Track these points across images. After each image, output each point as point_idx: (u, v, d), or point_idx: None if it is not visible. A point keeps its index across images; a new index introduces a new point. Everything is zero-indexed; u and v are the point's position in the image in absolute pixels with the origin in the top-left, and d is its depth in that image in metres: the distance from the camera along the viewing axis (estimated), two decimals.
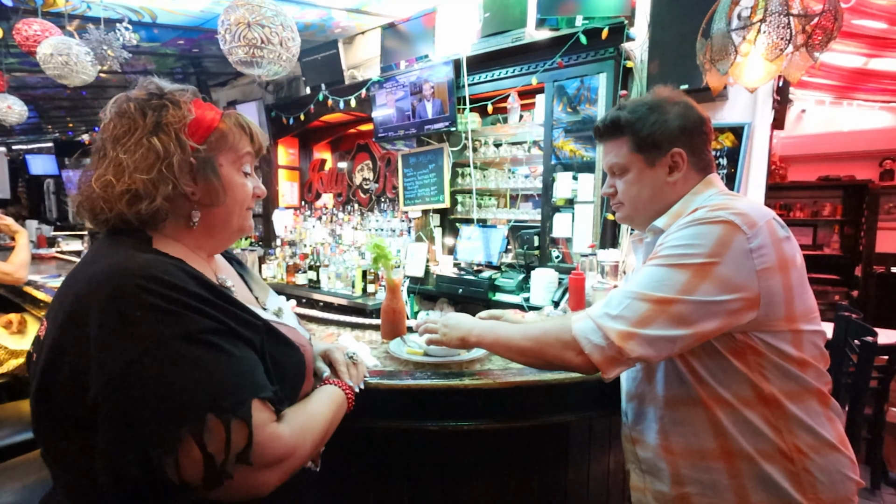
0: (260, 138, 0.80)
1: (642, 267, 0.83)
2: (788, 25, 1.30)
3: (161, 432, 0.55)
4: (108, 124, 0.70)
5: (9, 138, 7.73)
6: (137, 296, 0.58)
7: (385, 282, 1.38)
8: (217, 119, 0.73)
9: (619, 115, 0.93)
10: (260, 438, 0.59)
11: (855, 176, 4.91)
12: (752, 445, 0.79)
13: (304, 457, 0.67)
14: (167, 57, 4.10)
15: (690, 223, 0.80)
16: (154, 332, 0.57)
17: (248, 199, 0.78)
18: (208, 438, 0.56)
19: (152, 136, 0.67)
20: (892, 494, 2.27)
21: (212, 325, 0.61)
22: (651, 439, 0.90)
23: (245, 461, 0.58)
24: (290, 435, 0.64)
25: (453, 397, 1.03)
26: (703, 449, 0.83)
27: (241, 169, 0.77)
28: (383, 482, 1.17)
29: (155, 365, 0.56)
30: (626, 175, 0.94)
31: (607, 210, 2.27)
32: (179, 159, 0.68)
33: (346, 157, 4.20)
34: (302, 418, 0.69)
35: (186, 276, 0.63)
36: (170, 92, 0.72)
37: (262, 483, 0.61)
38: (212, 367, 0.59)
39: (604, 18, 2.21)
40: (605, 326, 0.78)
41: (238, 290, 0.80)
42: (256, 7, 1.80)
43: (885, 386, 2.28)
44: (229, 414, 0.57)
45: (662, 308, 0.76)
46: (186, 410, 0.56)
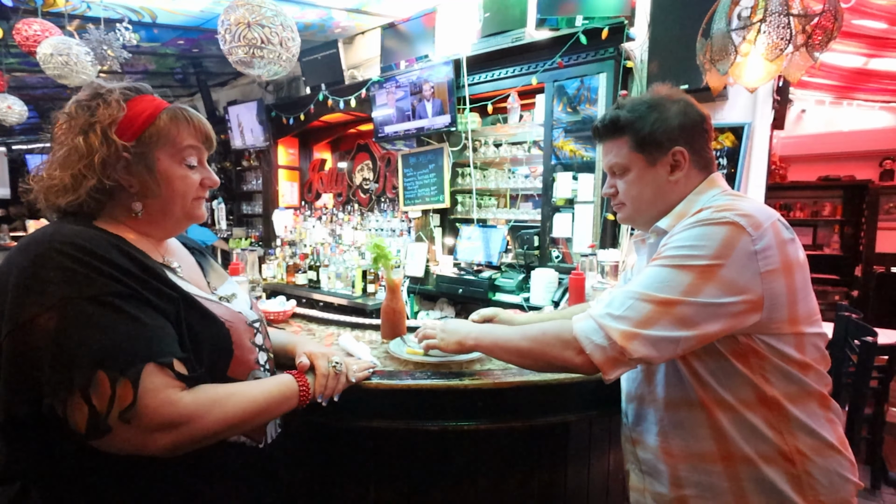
0: (205, 129, 0.82)
1: (645, 267, 0.82)
2: (788, 25, 1.30)
3: (53, 382, 0.60)
4: (56, 124, 0.76)
5: (9, 138, 7.73)
6: (52, 258, 0.63)
7: (385, 282, 1.38)
8: (151, 117, 0.76)
9: (618, 114, 0.92)
10: (150, 401, 0.62)
11: (855, 176, 4.92)
12: (753, 448, 0.79)
13: (208, 427, 0.67)
14: (167, 57, 4.10)
15: (695, 224, 0.79)
16: (61, 291, 0.61)
17: (193, 190, 0.81)
18: (94, 394, 0.60)
19: (79, 135, 0.72)
20: (892, 494, 2.27)
21: (120, 290, 0.65)
22: (651, 441, 0.90)
23: (125, 420, 0.61)
24: (190, 403, 0.66)
25: (453, 397, 1.03)
26: (702, 451, 0.82)
27: (182, 162, 0.79)
28: (383, 482, 1.17)
29: (57, 320, 0.61)
30: (627, 175, 0.93)
31: (607, 210, 2.26)
32: (104, 156, 0.72)
33: (346, 157, 4.20)
34: (217, 392, 0.70)
35: (110, 247, 0.68)
36: (107, 91, 0.75)
37: (151, 443, 0.63)
38: (110, 328, 0.62)
39: (604, 18, 2.21)
40: (608, 326, 0.77)
41: (186, 272, 0.83)
42: (256, 7, 1.80)
43: (885, 386, 2.28)
44: (117, 373, 0.61)
45: (666, 309, 0.75)
46: (79, 365, 0.60)
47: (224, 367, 0.77)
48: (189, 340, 0.71)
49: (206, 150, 0.84)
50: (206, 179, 0.83)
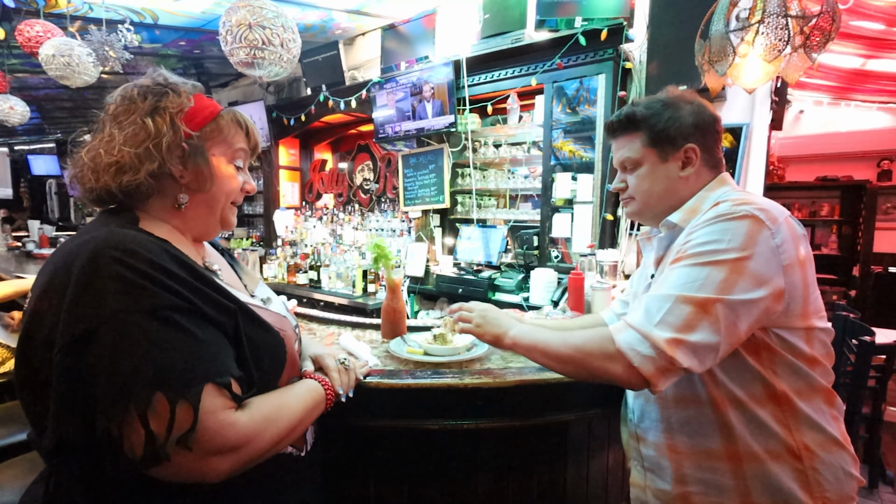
0: (256, 136, 0.83)
1: (673, 267, 0.81)
2: (786, 26, 1.31)
3: (108, 402, 0.56)
4: (110, 105, 0.75)
5: (11, 139, 7.74)
6: (109, 266, 0.59)
7: (385, 282, 1.39)
8: (215, 111, 0.78)
9: (634, 110, 0.94)
10: (209, 424, 0.58)
11: (853, 176, 4.93)
12: (761, 445, 0.79)
13: (264, 448, 0.66)
14: (169, 58, 4.11)
15: (716, 219, 0.79)
16: (118, 303, 0.58)
17: (236, 193, 0.81)
18: (152, 416, 0.56)
19: (147, 116, 0.72)
20: (889, 493, 2.28)
21: (178, 303, 0.61)
22: (656, 437, 0.90)
23: (185, 445, 0.57)
24: (247, 423, 0.63)
25: (453, 396, 1.04)
26: (708, 448, 0.82)
27: (232, 162, 0.80)
28: (383, 481, 1.18)
29: (113, 335, 0.57)
30: (639, 169, 0.94)
31: (606, 210, 2.28)
32: (169, 141, 0.71)
33: (347, 157, 4.21)
34: (268, 408, 0.68)
35: (165, 255, 0.65)
36: (174, 82, 0.76)
37: (211, 469, 0.60)
38: (168, 345, 0.59)
39: (603, 20, 2.22)
40: (651, 335, 0.75)
41: (225, 274, 0.82)
42: (257, 8, 1.81)
43: (883, 385, 2.29)
44: (176, 394, 0.57)
45: (704, 310, 0.74)
46: (136, 385, 0.56)
47: (278, 376, 0.77)
48: (249, 351, 0.69)
49: (251, 157, 0.85)
50: (246, 184, 0.83)
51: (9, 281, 2.18)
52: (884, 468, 2.36)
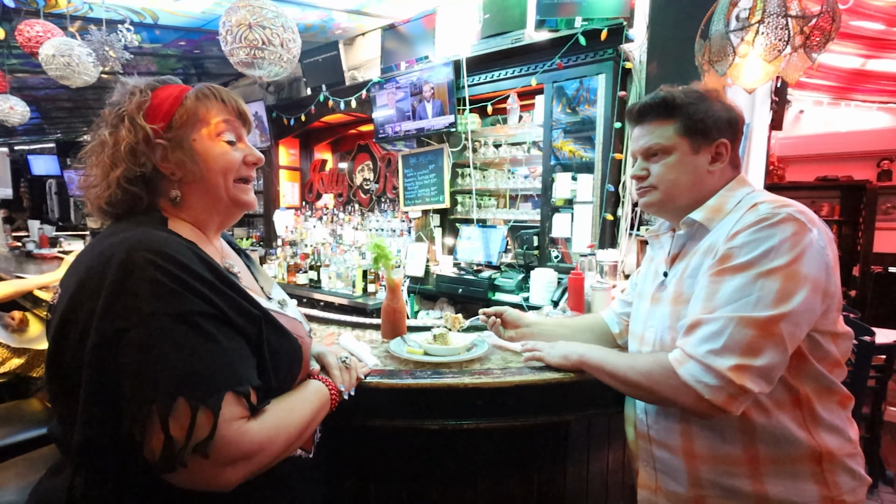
0: (235, 104, 0.79)
1: (718, 279, 0.77)
2: (786, 26, 1.31)
3: (133, 403, 0.57)
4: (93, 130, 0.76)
5: (11, 139, 7.74)
6: (144, 269, 0.60)
7: (385, 282, 1.39)
8: (178, 99, 0.74)
9: (672, 95, 0.90)
10: (224, 433, 0.59)
11: (853, 176, 4.93)
12: (783, 449, 0.79)
13: (275, 454, 0.66)
14: (169, 58, 4.11)
15: (759, 223, 0.76)
16: (150, 306, 0.59)
17: (235, 168, 0.77)
18: (173, 421, 0.56)
19: (107, 129, 0.73)
20: (889, 493, 2.28)
21: (207, 310, 0.62)
22: (672, 440, 0.88)
23: (202, 453, 0.57)
24: (260, 431, 0.63)
25: (453, 396, 1.04)
26: (727, 453, 0.81)
27: (218, 137, 0.76)
28: (383, 481, 1.18)
29: (142, 337, 0.58)
30: (667, 158, 0.90)
31: (606, 210, 2.28)
32: (132, 143, 0.70)
33: (347, 157, 4.21)
34: (279, 415, 0.68)
35: (196, 258, 0.65)
36: (134, 84, 0.75)
37: (224, 478, 0.60)
38: (195, 351, 0.59)
39: (603, 20, 2.22)
40: (715, 366, 0.73)
41: (244, 277, 0.81)
42: (257, 8, 1.81)
43: (883, 385, 2.29)
44: (198, 401, 0.57)
45: (767, 331, 0.71)
46: (160, 388, 0.57)
47: (293, 382, 0.77)
48: (269, 358, 0.69)
49: (241, 125, 0.80)
50: (248, 156, 0.79)
51: (9, 281, 2.18)
52: (884, 468, 2.36)
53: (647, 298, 1.00)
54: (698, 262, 0.85)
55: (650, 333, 0.95)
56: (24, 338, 2.10)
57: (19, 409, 1.60)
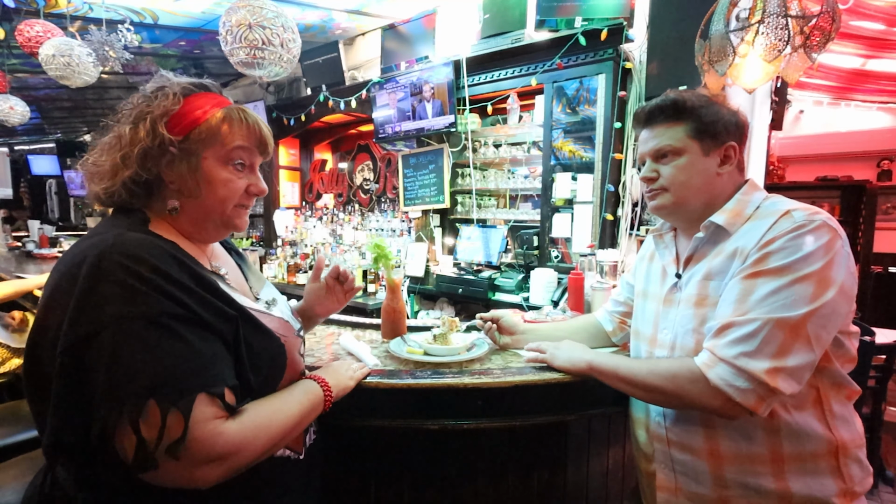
0: (260, 132, 0.78)
1: (752, 282, 0.77)
2: (786, 26, 1.31)
3: (103, 406, 0.57)
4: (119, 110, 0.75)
5: (11, 139, 7.75)
6: (114, 272, 0.60)
7: (385, 282, 1.39)
8: (204, 114, 0.73)
9: (683, 98, 0.91)
10: (198, 434, 0.59)
11: (853, 176, 4.92)
12: (804, 446, 0.80)
13: (254, 455, 0.65)
14: (169, 58, 4.11)
15: (798, 230, 0.77)
16: (119, 309, 0.59)
17: (235, 196, 0.76)
18: (144, 423, 0.57)
19: (129, 123, 0.72)
20: (889, 493, 2.28)
21: (178, 311, 0.62)
22: (695, 443, 0.88)
23: (173, 455, 0.57)
24: (237, 433, 0.63)
25: (453, 396, 1.04)
26: (753, 453, 0.82)
27: (228, 164, 0.75)
28: (383, 481, 1.18)
29: (112, 340, 0.58)
30: (678, 160, 0.91)
31: (606, 210, 2.28)
32: (146, 147, 0.70)
33: (347, 157, 4.21)
34: (260, 415, 0.68)
35: (171, 260, 0.65)
36: (170, 83, 0.74)
37: (200, 477, 0.60)
38: (165, 353, 0.59)
39: (603, 20, 2.22)
40: (747, 368, 0.74)
41: (232, 277, 0.81)
42: (257, 8, 1.81)
43: (883, 385, 2.29)
44: (168, 403, 0.57)
45: (798, 332, 0.73)
46: (130, 391, 0.57)
47: (277, 382, 0.76)
48: (247, 358, 0.69)
49: (258, 154, 0.79)
50: (252, 186, 0.78)
51: (9, 281, 2.18)
52: (884, 468, 2.36)
53: (656, 299, 0.99)
54: (724, 266, 0.84)
55: (665, 335, 0.94)
56: (25, 338, 2.10)
57: (19, 409, 1.60)
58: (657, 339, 0.96)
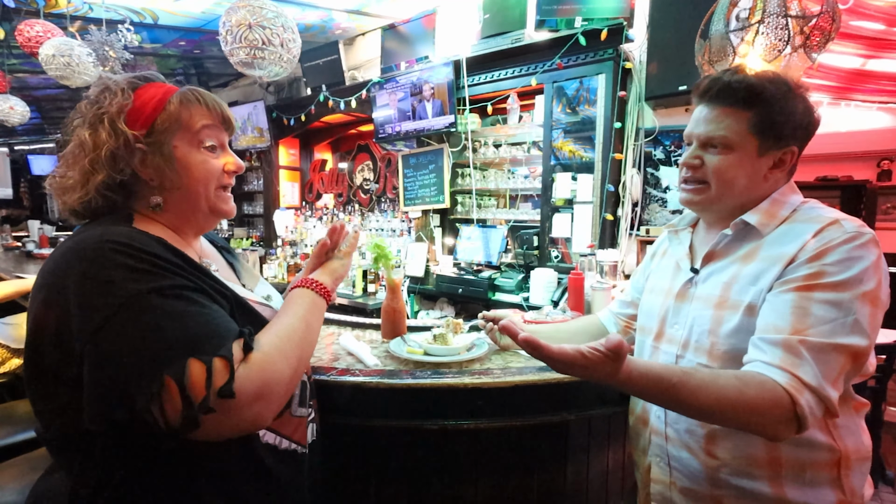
0: (220, 109, 0.77)
1: (809, 294, 0.72)
2: (786, 27, 1.31)
3: (142, 378, 0.57)
4: (68, 123, 0.73)
5: (11, 139, 7.75)
6: (110, 257, 0.60)
7: (385, 281, 1.39)
8: (161, 102, 0.72)
9: (762, 83, 0.79)
10: (239, 373, 0.60)
11: (853, 176, 4.92)
12: (805, 454, 0.78)
13: (287, 377, 0.66)
14: (169, 58, 4.12)
15: (852, 242, 0.73)
16: (127, 288, 0.59)
17: (216, 177, 0.76)
18: (189, 381, 0.57)
19: (87, 129, 0.70)
20: (889, 493, 2.28)
21: (184, 283, 0.63)
22: (694, 442, 0.86)
23: (226, 395, 0.58)
24: (264, 358, 0.63)
25: (453, 396, 1.04)
26: (750, 455, 0.80)
27: (200, 146, 0.74)
28: (383, 481, 1.18)
29: (132, 317, 0.58)
30: (728, 154, 0.82)
31: (606, 210, 2.28)
32: (112, 148, 0.68)
33: (347, 157, 4.21)
34: (272, 339, 0.68)
35: (162, 247, 0.65)
36: (113, 82, 0.73)
37: (245, 418, 0.61)
38: (186, 317, 0.60)
39: (603, 20, 2.22)
40: (829, 397, 0.70)
41: (223, 274, 0.81)
42: (257, 9, 1.81)
43: (883, 385, 2.29)
44: (208, 355, 0.58)
45: (858, 360, 0.72)
46: (164, 357, 0.57)
47: None
48: None
49: (225, 130, 0.79)
50: (228, 164, 0.78)
51: (9, 281, 2.18)
52: (884, 468, 2.36)
53: (664, 294, 0.96)
54: (759, 270, 0.79)
55: (676, 331, 0.90)
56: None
57: (19, 410, 1.60)
58: (665, 333, 0.93)
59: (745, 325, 0.79)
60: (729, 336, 0.81)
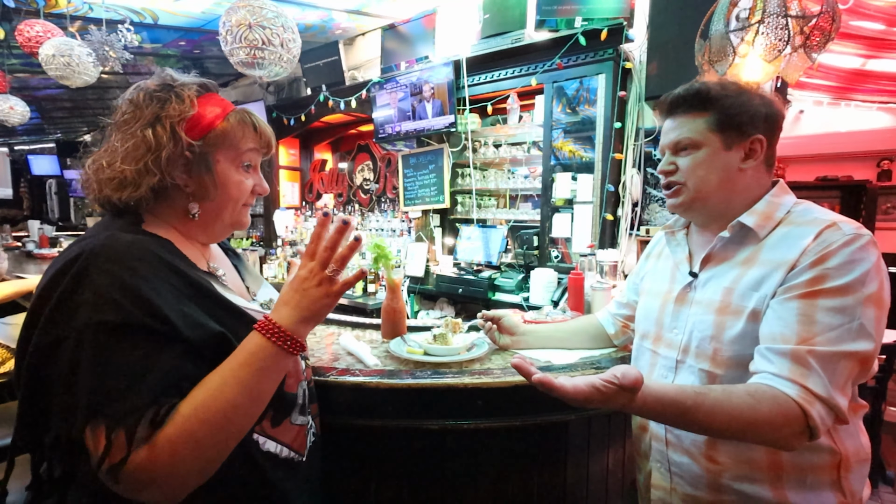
0: (267, 134, 0.80)
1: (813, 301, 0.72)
2: (786, 26, 1.31)
3: (69, 412, 0.57)
4: (118, 109, 0.73)
5: (11, 139, 7.75)
6: (93, 279, 0.59)
7: (385, 281, 1.39)
8: (219, 118, 0.74)
9: (707, 87, 0.85)
10: (136, 458, 0.55)
11: (853, 176, 4.93)
12: (806, 458, 0.78)
13: (196, 474, 0.60)
14: (169, 58, 4.11)
15: (852, 245, 0.74)
16: (85, 317, 0.57)
17: (244, 196, 0.79)
18: (91, 440, 0.56)
19: (147, 127, 0.70)
20: (889, 493, 2.28)
21: (147, 322, 0.59)
22: (694, 447, 0.86)
23: (114, 478, 0.55)
24: (164, 445, 0.57)
25: (453, 396, 1.04)
26: (752, 460, 0.80)
27: (240, 166, 0.77)
28: (383, 481, 1.18)
29: (73, 348, 0.57)
30: (696, 153, 0.86)
31: (606, 210, 2.28)
32: (170, 153, 0.69)
33: (347, 157, 4.21)
34: (186, 417, 0.59)
35: (159, 264, 0.64)
36: (179, 85, 0.73)
37: (150, 500, 0.58)
38: (117, 368, 0.57)
39: (603, 20, 2.22)
40: (838, 406, 0.70)
41: (230, 278, 0.81)
42: (257, 8, 1.81)
43: (883, 385, 2.29)
44: (116, 421, 0.56)
45: (866, 364, 0.72)
46: (86, 402, 0.56)
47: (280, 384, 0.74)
48: None
49: (263, 155, 0.82)
50: (257, 186, 0.80)
51: (9, 281, 2.18)
52: (884, 468, 2.36)
53: (662, 297, 0.96)
54: (761, 275, 0.79)
55: (675, 336, 0.90)
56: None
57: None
58: (663, 337, 0.93)
59: (749, 331, 0.79)
60: (733, 342, 0.80)
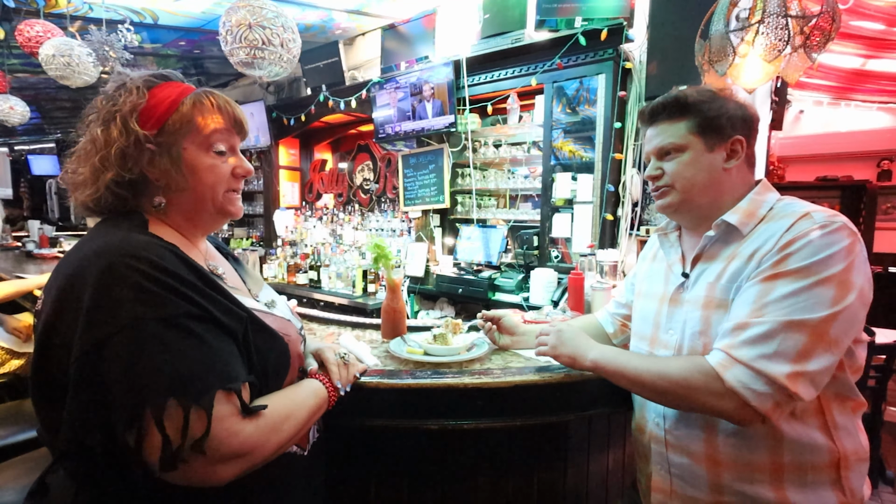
0: (234, 113, 0.77)
1: (770, 283, 0.75)
2: (786, 26, 1.31)
3: (125, 409, 0.57)
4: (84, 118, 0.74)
5: (11, 139, 7.75)
6: (126, 275, 0.60)
7: (385, 281, 1.39)
8: (174, 103, 0.71)
9: (684, 94, 0.90)
10: (217, 431, 0.59)
11: (853, 176, 4.92)
12: (806, 457, 0.78)
13: (268, 454, 0.66)
14: (168, 58, 4.12)
15: (819, 231, 0.75)
16: (133, 312, 0.58)
17: (224, 181, 0.76)
18: (167, 422, 0.57)
19: (101, 125, 0.70)
20: (889, 493, 2.28)
21: (192, 311, 0.62)
22: (694, 447, 0.86)
23: (199, 451, 0.58)
24: (253, 432, 0.63)
25: (453, 396, 1.04)
26: (753, 461, 0.80)
27: (210, 150, 0.74)
28: (383, 481, 1.18)
29: (128, 343, 0.58)
30: (681, 156, 0.90)
31: (606, 210, 2.28)
32: (122, 147, 0.68)
33: (347, 157, 4.21)
34: (275, 418, 0.68)
35: (178, 261, 0.65)
36: (131, 80, 0.72)
37: (217, 475, 0.61)
38: (182, 353, 0.60)
39: (603, 20, 2.22)
40: (767, 371, 0.71)
41: (229, 278, 0.81)
42: (257, 9, 1.81)
43: (883, 385, 2.28)
44: (190, 401, 0.58)
45: (819, 335, 0.71)
46: (150, 391, 0.57)
47: (282, 381, 0.76)
48: (256, 358, 0.69)
49: (236, 134, 0.78)
50: (237, 168, 0.77)
51: (9, 281, 2.18)
52: (884, 468, 2.36)
53: (657, 299, 0.97)
54: (738, 268, 0.82)
55: (670, 336, 0.92)
56: (30, 343, 2.09)
57: (19, 409, 1.60)
58: (659, 339, 0.95)
59: None
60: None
